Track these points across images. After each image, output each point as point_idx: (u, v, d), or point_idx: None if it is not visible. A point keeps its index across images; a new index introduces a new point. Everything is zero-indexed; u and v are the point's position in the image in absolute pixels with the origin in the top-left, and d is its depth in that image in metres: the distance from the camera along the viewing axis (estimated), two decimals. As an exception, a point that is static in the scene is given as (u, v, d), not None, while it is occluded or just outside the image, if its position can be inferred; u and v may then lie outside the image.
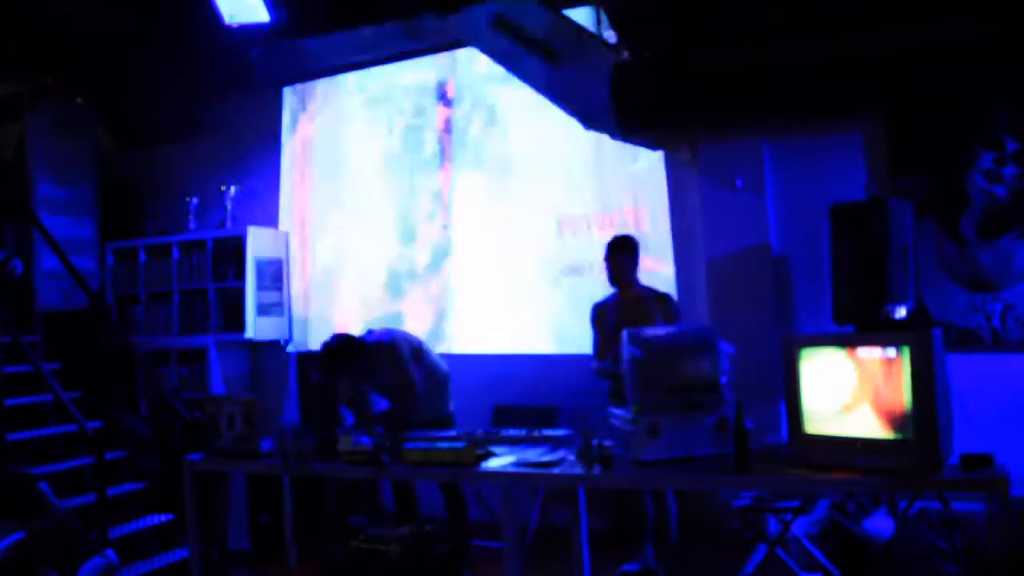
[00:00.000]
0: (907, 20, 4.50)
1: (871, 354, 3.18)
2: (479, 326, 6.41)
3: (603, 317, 4.72)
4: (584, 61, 5.34)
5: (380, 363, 4.75)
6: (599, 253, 4.80)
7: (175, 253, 7.13)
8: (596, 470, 3.61)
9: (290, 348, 7.05)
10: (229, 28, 5.87)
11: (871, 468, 3.11)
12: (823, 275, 5.08)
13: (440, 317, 6.54)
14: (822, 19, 4.64)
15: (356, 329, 5.00)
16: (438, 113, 6.66)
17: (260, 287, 6.83)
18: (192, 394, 6.56)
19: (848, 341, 3.34)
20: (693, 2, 4.85)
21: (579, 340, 5.56)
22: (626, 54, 5.31)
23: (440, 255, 6.60)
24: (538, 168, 6.26)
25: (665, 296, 4.74)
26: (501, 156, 6.39)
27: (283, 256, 7.08)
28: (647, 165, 5.90)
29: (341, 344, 4.73)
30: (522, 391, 5.97)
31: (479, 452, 3.95)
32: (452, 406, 5.03)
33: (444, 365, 5.05)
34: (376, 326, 5.39)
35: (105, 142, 7.39)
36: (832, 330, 3.95)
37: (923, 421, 3.02)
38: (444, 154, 6.62)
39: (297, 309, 7.13)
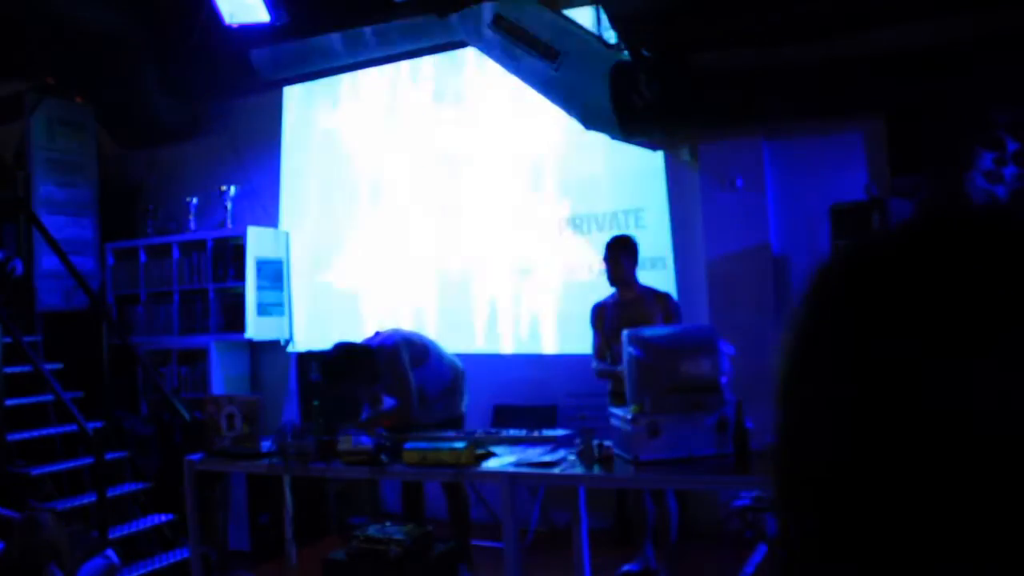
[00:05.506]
0: (907, 20, 4.50)
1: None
2: (480, 326, 6.41)
3: (603, 317, 4.71)
4: (584, 61, 5.34)
5: (383, 367, 4.74)
6: (599, 253, 4.80)
7: (175, 253, 7.13)
8: (596, 470, 3.62)
9: (290, 348, 7.05)
10: (229, 28, 5.87)
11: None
12: (823, 275, 5.09)
13: (441, 317, 6.53)
14: (822, 19, 4.64)
15: (362, 330, 5.00)
16: (440, 113, 6.66)
17: (260, 287, 6.83)
18: (192, 394, 6.56)
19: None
20: (693, 2, 4.85)
21: (579, 340, 5.57)
22: (626, 54, 5.31)
23: (441, 255, 6.59)
24: (538, 168, 6.25)
25: (665, 296, 4.73)
26: (501, 155, 6.39)
27: (283, 256, 7.08)
28: (647, 165, 5.90)
29: (344, 354, 4.73)
30: (522, 391, 5.97)
31: (479, 452, 3.96)
32: (465, 406, 5.03)
33: (458, 364, 5.04)
34: (384, 328, 5.36)
35: (105, 142, 7.39)
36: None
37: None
38: (444, 153, 6.62)
39: (300, 308, 7.13)
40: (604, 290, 4.82)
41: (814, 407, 0.50)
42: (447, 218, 6.57)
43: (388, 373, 4.74)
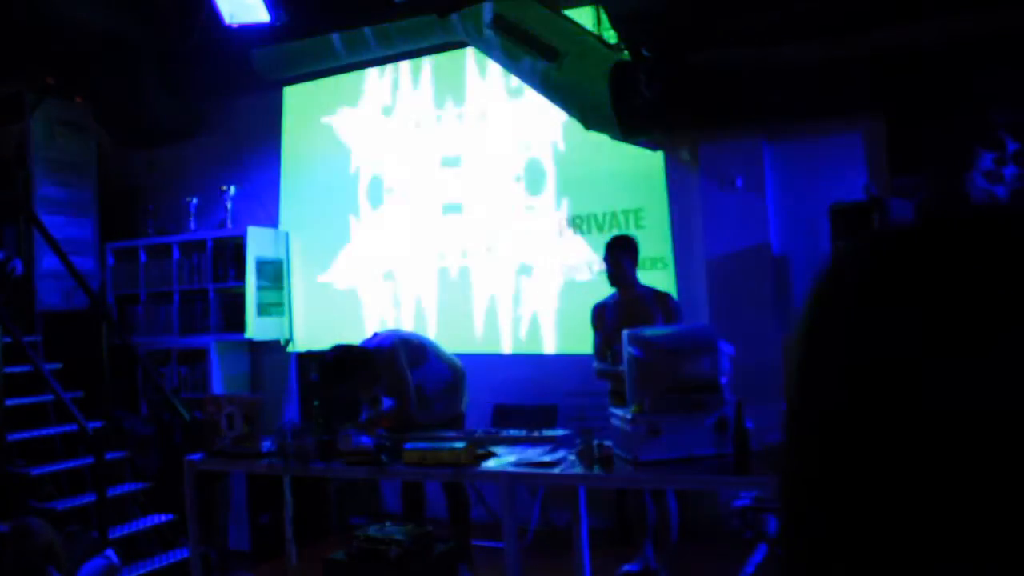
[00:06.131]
0: (907, 20, 4.50)
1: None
2: (480, 326, 6.41)
3: (603, 317, 4.71)
4: (584, 61, 5.34)
5: (381, 369, 4.74)
6: (599, 253, 4.80)
7: (175, 253, 7.13)
8: (596, 470, 3.61)
9: (290, 348, 7.05)
10: (229, 28, 5.87)
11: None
12: (823, 275, 5.09)
13: (441, 317, 6.53)
14: (822, 19, 4.64)
15: (362, 331, 4.99)
16: (440, 112, 6.66)
17: (260, 287, 6.83)
18: (192, 394, 6.56)
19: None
20: (693, 2, 4.85)
21: (579, 340, 5.56)
22: (626, 54, 5.31)
23: (441, 255, 6.59)
24: (538, 168, 6.25)
25: (666, 296, 4.73)
26: (501, 155, 6.39)
27: (283, 256, 7.08)
28: (647, 165, 5.90)
29: (342, 356, 4.73)
30: (522, 391, 5.97)
31: (479, 452, 3.96)
32: (465, 405, 5.03)
33: (458, 364, 5.04)
34: (382, 329, 5.37)
35: (105, 142, 7.39)
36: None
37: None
38: (443, 153, 6.62)
39: (300, 309, 7.13)
40: (604, 290, 4.82)
41: (815, 406, 0.51)
42: (447, 218, 6.57)
43: (386, 374, 4.74)
